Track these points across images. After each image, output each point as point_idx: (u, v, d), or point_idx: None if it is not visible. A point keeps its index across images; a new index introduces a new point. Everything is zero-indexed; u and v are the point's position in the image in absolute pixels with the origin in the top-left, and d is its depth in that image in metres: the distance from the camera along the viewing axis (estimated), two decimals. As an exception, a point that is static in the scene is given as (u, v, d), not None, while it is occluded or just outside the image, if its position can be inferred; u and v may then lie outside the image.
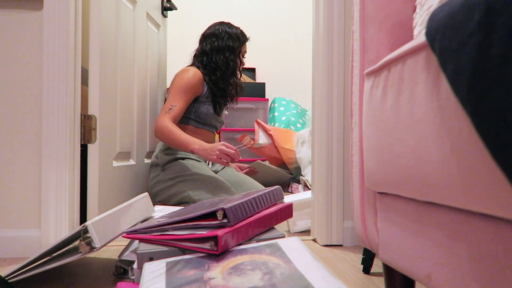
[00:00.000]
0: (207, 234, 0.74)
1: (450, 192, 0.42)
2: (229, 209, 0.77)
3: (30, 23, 1.19)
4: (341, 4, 1.29)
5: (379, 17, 0.70)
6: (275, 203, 0.98)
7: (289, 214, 0.97)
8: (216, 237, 0.73)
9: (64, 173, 1.18)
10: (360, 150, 0.72)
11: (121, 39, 1.51)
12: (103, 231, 0.84)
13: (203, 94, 1.73)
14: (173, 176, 1.60)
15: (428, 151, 0.45)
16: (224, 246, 0.74)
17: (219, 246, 0.72)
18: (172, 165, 1.62)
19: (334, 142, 1.29)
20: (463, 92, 0.35)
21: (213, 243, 0.73)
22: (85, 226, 0.81)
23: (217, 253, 0.73)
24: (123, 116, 1.54)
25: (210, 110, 1.75)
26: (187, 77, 1.67)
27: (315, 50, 1.36)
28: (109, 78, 1.41)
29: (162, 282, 0.65)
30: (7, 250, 1.15)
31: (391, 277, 0.70)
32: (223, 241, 0.73)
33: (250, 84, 3.07)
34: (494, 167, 0.34)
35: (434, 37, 0.41)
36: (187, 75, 1.68)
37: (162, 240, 0.80)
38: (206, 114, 1.73)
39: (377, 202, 0.68)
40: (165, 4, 2.09)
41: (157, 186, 1.62)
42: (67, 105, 1.18)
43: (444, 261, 0.47)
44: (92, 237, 0.81)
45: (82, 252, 0.82)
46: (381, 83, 0.60)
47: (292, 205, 0.99)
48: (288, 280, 0.61)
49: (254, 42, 3.37)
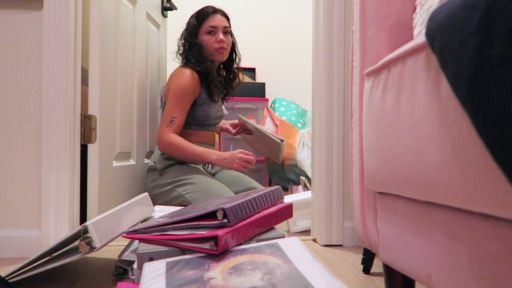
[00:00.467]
0: (207, 234, 0.74)
1: (450, 192, 0.42)
2: (229, 209, 0.77)
3: (30, 23, 1.19)
4: (341, 4, 1.29)
5: (379, 17, 0.70)
6: (275, 203, 0.98)
7: (289, 214, 0.97)
8: (216, 237, 0.73)
9: (64, 173, 1.18)
10: (360, 150, 0.72)
11: (121, 39, 1.51)
12: (103, 231, 0.84)
13: (200, 96, 1.67)
14: (171, 181, 1.58)
15: (428, 151, 0.45)
16: (224, 246, 0.74)
17: (219, 246, 0.72)
18: (170, 170, 1.60)
19: (334, 142, 1.29)
20: (463, 92, 0.35)
21: (213, 243, 0.73)
22: (85, 226, 0.81)
23: (217, 253, 0.73)
24: (123, 116, 1.54)
25: (208, 111, 1.69)
26: (183, 83, 1.60)
27: (315, 50, 1.36)
28: (109, 78, 1.41)
29: (162, 282, 0.65)
30: (7, 250, 1.15)
31: (391, 277, 0.70)
32: (223, 241, 0.73)
33: (250, 84, 3.07)
34: (494, 167, 0.34)
35: (434, 37, 0.41)
36: (183, 80, 1.60)
37: (162, 240, 0.80)
38: (204, 116, 1.69)
39: (377, 202, 0.68)
40: (165, 4, 2.09)
41: (155, 190, 1.61)
42: (67, 105, 1.18)
43: (444, 261, 0.47)
44: (92, 237, 0.81)
45: (82, 252, 0.82)
46: (381, 83, 0.60)
47: (292, 205, 0.99)
48: (288, 280, 0.61)
49: (254, 42, 3.37)
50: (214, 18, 1.70)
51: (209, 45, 1.68)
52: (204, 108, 1.68)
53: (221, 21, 1.71)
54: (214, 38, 1.68)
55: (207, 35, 1.69)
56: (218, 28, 1.69)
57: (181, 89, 1.59)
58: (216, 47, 1.68)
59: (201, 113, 1.68)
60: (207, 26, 1.69)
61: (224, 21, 1.72)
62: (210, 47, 1.68)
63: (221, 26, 1.70)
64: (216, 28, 1.69)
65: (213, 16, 1.71)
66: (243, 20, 3.31)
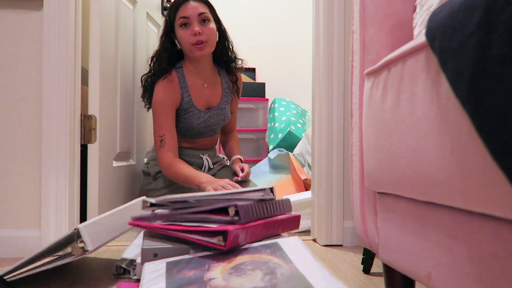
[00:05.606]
0: (218, 228, 0.73)
1: (450, 192, 0.42)
2: (242, 207, 0.77)
3: (30, 23, 1.19)
4: (341, 4, 1.29)
5: (379, 17, 0.70)
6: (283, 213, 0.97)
7: (295, 225, 0.96)
8: (225, 232, 0.72)
9: (64, 173, 1.18)
10: (360, 150, 0.72)
11: (121, 39, 1.51)
12: (96, 234, 0.83)
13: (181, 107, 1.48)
14: (165, 185, 1.53)
15: (428, 151, 0.45)
16: (233, 242, 0.73)
17: (227, 241, 0.71)
18: (163, 174, 1.51)
19: (334, 142, 1.29)
20: (463, 92, 0.35)
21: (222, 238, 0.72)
22: (77, 228, 0.81)
23: (224, 249, 0.72)
24: (123, 116, 1.54)
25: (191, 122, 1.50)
26: (155, 99, 1.45)
27: (315, 50, 1.36)
28: (109, 78, 1.41)
29: (163, 282, 0.65)
30: (7, 250, 1.15)
31: (391, 277, 0.70)
32: (232, 237, 0.72)
33: (250, 84, 3.07)
34: (494, 167, 0.34)
35: (434, 37, 0.41)
36: (155, 95, 1.45)
37: (168, 230, 0.79)
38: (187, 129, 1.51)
39: (377, 202, 0.68)
40: (165, 4, 2.09)
41: (150, 194, 1.56)
42: (67, 105, 1.18)
43: (444, 261, 0.47)
44: (84, 240, 0.80)
45: (75, 255, 0.81)
46: (381, 83, 0.60)
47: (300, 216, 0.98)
48: (288, 281, 0.61)
49: (254, 42, 3.37)
50: (186, 7, 1.41)
51: (185, 40, 1.41)
52: (186, 119, 1.49)
53: (194, 9, 1.40)
54: (189, 31, 1.40)
55: (181, 29, 1.42)
56: (191, 17, 1.40)
57: (155, 106, 1.45)
58: (192, 42, 1.39)
59: (183, 125, 1.50)
60: (179, 18, 1.42)
61: (198, 8, 1.41)
62: (187, 44, 1.41)
63: (195, 14, 1.40)
64: (189, 18, 1.40)
65: (184, 5, 1.41)
66: (243, 20, 3.31)
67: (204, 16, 1.42)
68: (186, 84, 1.49)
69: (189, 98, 1.49)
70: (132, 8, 1.65)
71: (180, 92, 1.48)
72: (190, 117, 1.50)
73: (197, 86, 1.52)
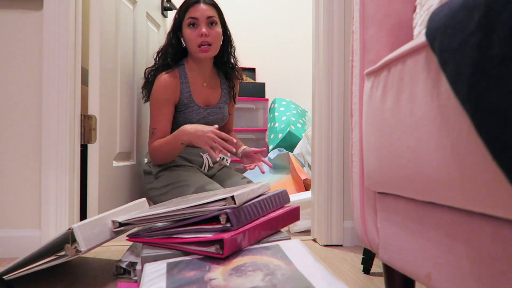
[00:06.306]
0: (213, 237, 0.73)
1: (450, 192, 0.42)
2: (232, 213, 0.77)
3: (30, 23, 1.19)
4: (341, 4, 1.29)
5: (379, 17, 0.70)
6: (281, 206, 0.97)
7: (295, 217, 0.96)
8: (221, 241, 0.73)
9: (64, 173, 1.18)
10: (360, 150, 0.72)
11: (121, 39, 1.51)
12: (90, 235, 0.83)
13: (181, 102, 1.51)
14: (166, 184, 1.54)
15: (428, 151, 0.45)
16: (231, 248, 0.73)
17: (225, 249, 0.72)
18: (164, 174, 1.52)
19: (334, 142, 1.29)
20: (463, 92, 0.35)
21: (219, 247, 0.73)
22: (71, 229, 0.80)
23: (222, 257, 0.73)
24: (123, 116, 1.54)
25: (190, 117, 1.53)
26: (154, 92, 1.49)
27: (315, 50, 1.36)
28: (109, 78, 1.41)
29: (163, 283, 0.65)
30: (7, 250, 1.15)
31: (391, 277, 0.70)
32: (229, 244, 0.72)
33: (250, 84, 3.07)
34: (494, 167, 0.34)
35: (434, 37, 0.41)
36: (154, 89, 1.49)
37: (167, 244, 0.80)
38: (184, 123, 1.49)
39: (377, 202, 0.68)
40: (165, 4, 2.09)
41: (152, 192, 1.57)
42: (67, 105, 1.18)
43: (444, 261, 0.47)
44: (78, 240, 0.80)
45: (68, 255, 0.81)
46: (381, 83, 0.60)
47: (299, 208, 0.98)
48: (289, 282, 0.61)
49: (254, 42, 3.37)
50: (196, 8, 1.47)
51: (192, 40, 1.47)
52: (185, 114, 1.53)
53: (204, 11, 1.47)
54: (197, 32, 1.46)
55: (189, 28, 1.48)
56: (199, 19, 1.46)
57: (153, 100, 1.50)
58: (198, 43, 1.46)
59: (183, 121, 1.53)
60: (187, 18, 1.48)
61: (208, 10, 1.47)
62: (193, 44, 1.47)
63: (204, 16, 1.46)
64: (198, 19, 1.46)
65: (195, 6, 1.48)
66: (243, 20, 3.31)
67: (212, 19, 1.48)
68: (187, 80, 1.54)
69: (189, 94, 1.53)
70: (132, 8, 1.65)
71: (180, 87, 1.52)
72: (189, 113, 1.54)
73: (197, 83, 1.56)
